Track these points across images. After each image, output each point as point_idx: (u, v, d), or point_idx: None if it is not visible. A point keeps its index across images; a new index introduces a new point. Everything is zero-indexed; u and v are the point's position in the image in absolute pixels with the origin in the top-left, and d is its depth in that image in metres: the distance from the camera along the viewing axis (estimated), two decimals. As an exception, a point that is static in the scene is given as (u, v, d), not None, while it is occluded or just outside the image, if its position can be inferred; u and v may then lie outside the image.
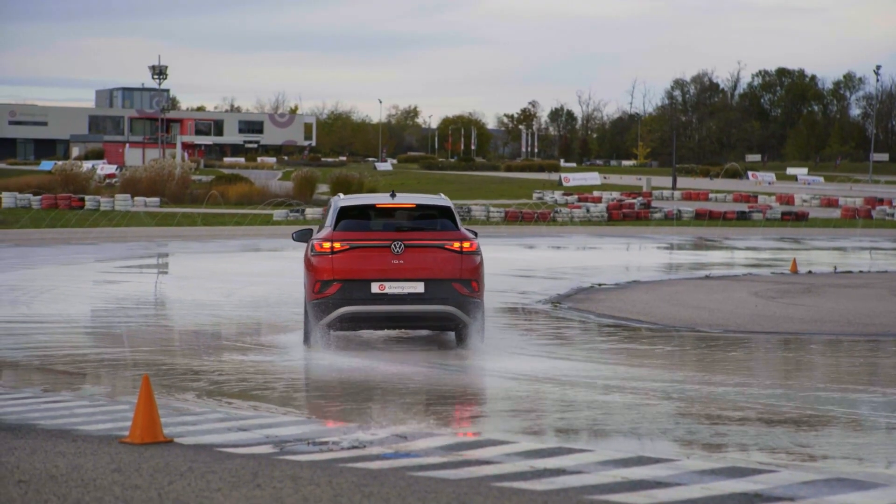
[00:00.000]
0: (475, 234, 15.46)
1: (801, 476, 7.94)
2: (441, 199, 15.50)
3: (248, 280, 24.93)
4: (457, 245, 14.69)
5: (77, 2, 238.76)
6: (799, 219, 54.90)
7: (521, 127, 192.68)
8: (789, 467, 8.46)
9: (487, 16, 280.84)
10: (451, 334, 15.99)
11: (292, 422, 10.16)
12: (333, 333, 15.25)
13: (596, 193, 71.28)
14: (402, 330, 16.26)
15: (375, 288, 14.50)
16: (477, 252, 14.88)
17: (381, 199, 15.35)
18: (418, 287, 14.51)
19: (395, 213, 15.11)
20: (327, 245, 14.56)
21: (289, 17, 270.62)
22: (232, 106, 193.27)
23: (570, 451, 8.81)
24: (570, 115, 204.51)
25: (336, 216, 14.89)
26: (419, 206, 15.24)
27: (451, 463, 8.32)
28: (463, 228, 15.04)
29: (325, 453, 8.65)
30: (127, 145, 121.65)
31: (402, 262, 14.51)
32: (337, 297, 14.47)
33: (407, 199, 15.20)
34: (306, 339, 15.12)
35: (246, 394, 11.98)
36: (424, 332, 16.85)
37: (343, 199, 15.37)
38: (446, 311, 14.59)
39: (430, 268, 14.56)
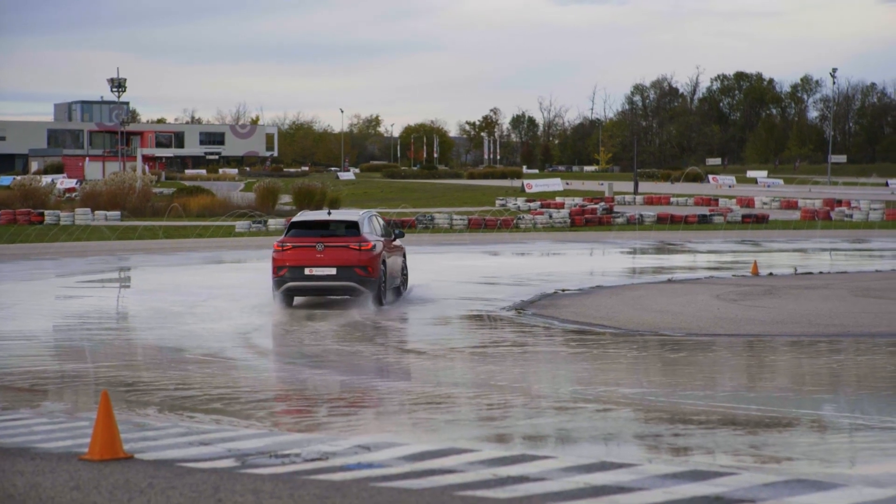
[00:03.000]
0: (402, 234, 24.21)
1: (763, 478, 7.96)
2: (353, 214, 22.86)
3: (210, 293, 24.80)
4: (356, 245, 21.70)
5: (34, 14, 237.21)
6: (759, 221, 55.23)
7: (483, 134, 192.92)
8: (750, 469, 8.49)
9: (448, 24, 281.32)
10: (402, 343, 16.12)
11: (255, 434, 10.09)
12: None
13: (558, 199, 71.47)
14: (324, 296, 22.65)
15: (307, 271, 21.66)
16: (372, 249, 21.74)
17: (317, 216, 22.93)
18: (332, 270, 21.65)
19: (322, 224, 22.34)
20: (279, 246, 21.95)
21: (249, 27, 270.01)
22: (193, 118, 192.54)
23: (534, 458, 8.80)
24: (531, 121, 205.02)
25: (288, 227, 22.59)
26: (336, 221, 22.37)
27: (414, 472, 8.29)
28: (364, 234, 21.91)
29: (288, 466, 8.59)
30: (87, 159, 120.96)
31: (322, 255, 21.66)
32: (286, 276, 21.75)
33: (331, 216, 22.80)
34: (274, 299, 22.15)
35: (208, 407, 11.91)
36: (389, 343, 16.85)
37: (295, 217, 23.16)
38: (349, 285, 21.69)
39: (339, 258, 21.63)
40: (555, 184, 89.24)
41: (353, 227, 22.03)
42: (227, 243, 43.31)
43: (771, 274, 28.49)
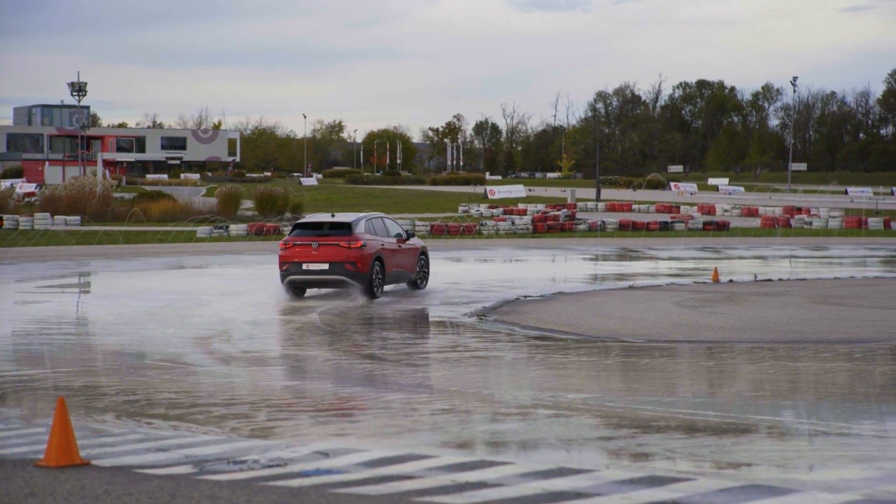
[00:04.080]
0: (412, 234, 27.22)
1: (719, 483, 8.01)
2: (350, 217, 25.55)
3: (171, 298, 24.69)
4: (345, 243, 24.53)
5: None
6: (720, 228, 55.55)
7: (446, 140, 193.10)
8: (707, 475, 8.53)
9: (412, 31, 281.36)
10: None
11: (213, 440, 10.05)
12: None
13: (521, 206, 71.62)
14: (322, 287, 25.53)
15: (304, 266, 24.61)
16: (362, 247, 24.53)
17: (317, 218, 26.18)
18: (325, 266, 24.56)
19: (320, 225, 25.30)
20: (283, 244, 25.08)
21: (211, 32, 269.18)
22: (154, 122, 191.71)
23: (492, 464, 8.81)
24: (494, 128, 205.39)
25: (292, 228, 25.74)
26: (333, 222, 25.27)
27: (372, 478, 8.28)
28: (357, 232, 24.75)
29: (246, 472, 8.57)
30: (47, 163, 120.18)
31: (317, 252, 24.58)
32: (288, 271, 24.81)
33: (327, 218, 25.71)
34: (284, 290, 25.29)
35: (167, 413, 11.85)
36: (349, 348, 16.85)
37: (300, 220, 26.97)
38: (340, 278, 24.55)
39: (331, 255, 24.52)
40: (517, 190, 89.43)
41: (346, 228, 24.79)
42: (189, 248, 43.11)
43: (731, 281, 28.65)
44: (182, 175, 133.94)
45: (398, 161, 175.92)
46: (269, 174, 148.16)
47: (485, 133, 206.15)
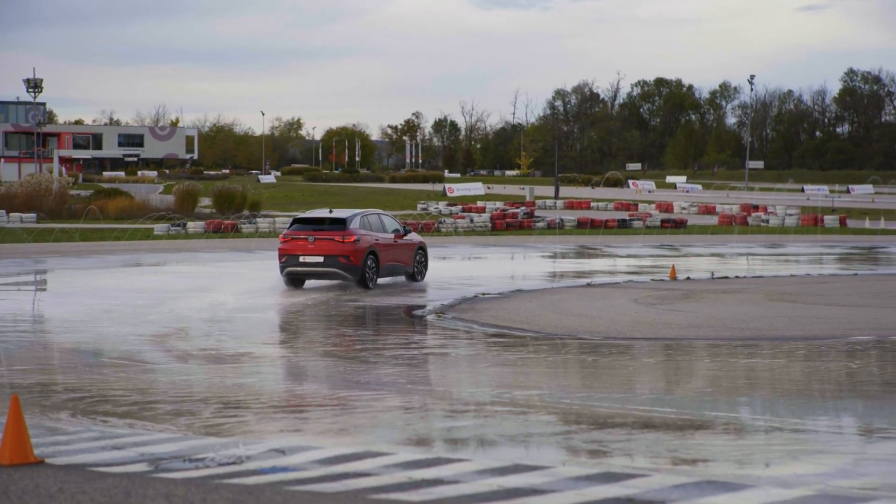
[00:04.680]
0: (409, 230, 28.36)
1: (673, 479, 8.06)
2: (345, 213, 26.95)
3: (128, 296, 24.53)
4: (339, 238, 25.90)
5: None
6: (678, 226, 55.83)
7: (405, 138, 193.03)
8: (663, 471, 8.58)
9: (371, 28, 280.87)
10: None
11: (169, 438, 10.00)
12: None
13: (480, 203, 71.69)
14: (319, 279, 26.68)
15: (301, 258, 26.00)
16: (355, 240, 25.90)
17: (315, 214, 27.33)
18: (320, 258, 25.95)
19: (317, 220, 26.61)
20: (283, 238, 26.41)
21: (168, 29, 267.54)
22: (111, 119, 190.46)
23: (449, 461, 8.81)
24: (453, 125, 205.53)
25: (291, 223, 27.07)
26: (328, 217, 26.60)
27: (329, 476, 8.27)
28: (351, 227, 26.09)
29: (201, 470, 8.53)
30: (2, 160, 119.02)
31: (312, 246, 25.97)
32: (286, 262, 26.21)
33: (324, 214, 26.98)
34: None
35: (122, 411, 11.77)
36: (308, 345, 16.81)
37: (298, 215, 28.49)
38: (333, 270, 26.00)
39: (325, 248, 25.93)
40: (476, 188, 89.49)
41: (340, 223, 26.21)
42: (146, 246, 42.85)
43: (688, 278, 28.81)
44: (139, 172, 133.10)
45: (357, 159, 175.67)
46: (227, 172, 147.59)
47: (444, 131, 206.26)
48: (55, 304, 23.71)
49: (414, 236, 28.46)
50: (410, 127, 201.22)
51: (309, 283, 27.17)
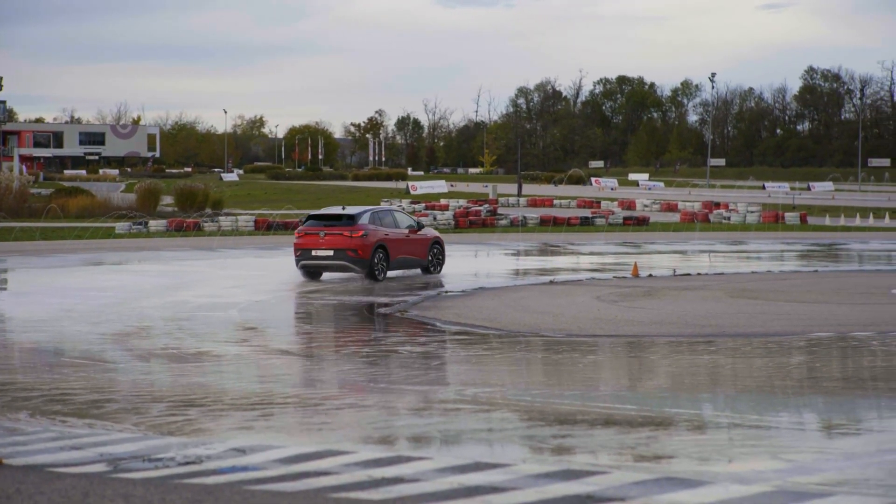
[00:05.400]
0: (422, 225, 29.85)
1: (633, 476, 8.08)
2: (351, 210, 28.57)
3: (89, 295, 24.37)
4: (348, 233, 27.44)
5: None
6: (640, 223, 56.03)
7: (368, 136, 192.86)
8: (623, 468, 8.60)
9: (334, 26, 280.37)
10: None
11: (128, 438, 9.94)
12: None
13: (443, 201, 71.72)
14: (331, 272, 28.30)
15: (313, 252, 27.58)
16: (363, 235, 27.40)
17: (327, 210, 29.17)
18: (330, 252, 27.48)
19: (329, 217, 28.21)
20: (298, 233, 28.06)
21: (130, 26, 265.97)
22: (72, 117, 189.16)
23: (410, 459, 8.80)
24: (416, 123, 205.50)
25: (305, 219, 28.78)
26: (340, 214, 28.20)
27: (289, 475, 8.25)
28: (360, 223, 27.61)
29: (161, 470, 8.48)
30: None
31: (323, 241, 27.49)
32: (300, 256, 27.82)
33: (337, 210, 28.66)
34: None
35: (82, 411, 11.69)
36: (267, 344, 16.76)
37: (312, 212, 29.79)
38: (343, 263, 27.54)
39: (336, 243, 27.44)
40: (439, 185, 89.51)
41: (350, 220, 27.77)
42: (107, 245, 42.57)
43: (650, 275, 28.92)
44: (101, 171, 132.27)
45: (320, 156, 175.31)
46: (189, 170, 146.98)
47: (407, 128, 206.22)
48: (15, 304, 23.52)
49: (429, 231, 30.05)
50: (374, 125, 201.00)
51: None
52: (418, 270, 29.72)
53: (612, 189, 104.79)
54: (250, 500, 7.46)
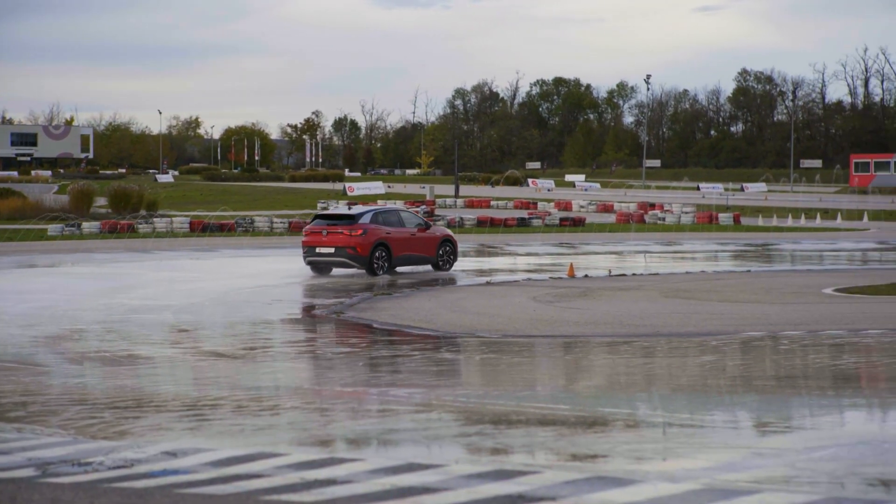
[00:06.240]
0: (429, 225, 31.28)
1: (565, 476, 8.11)
2: (355, 210, 30.74)
3: (20, 297, 24.07)
4: (348, 232, 29.09)
5: None
6: (576, 224, 56.32)
7: (305, 137, 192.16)
8: (555, 468, 8.63)
9: (270, 26, 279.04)
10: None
11: (58, 442, 9.82)
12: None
13: (380, 202, 71.63)
14: (336, 267, 29.95)
15: (317, 249, 29.39)
16: (362, 234, 29.06)
17: (333, 210, 32.85)
18: (331, 250, 29.22)
19: (333, 216, 30.15)
20: (305, 231, 30.23)
21: (63, 25, 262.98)
22: (3, 118, 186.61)
23: (342, 461, 8.78)
24: (354, 124, 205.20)
25: (312, 218, 31.29)
26: (341, 214, 30.38)
27: (220, 478, 8.19)
28: (360, 222, 29.23)
29: (90, 474, 8.39)
30: None
31: (326, 239, 29.25)
32: (306, 253, 29.67)
33: (341, 211, 31.56)
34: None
35: (11, 415, 11.52)
36: (201, 346, 16.66)
37: (317, 212, 33.03)
38: (343, 259, 29.28)
39: (336, 241, 29.16)
40: (377, 187, 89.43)
41: (351, 219, 29.56)
42: (39, 247, 42.09)
43: (586, 276, 29.08)
44: (33, 172, 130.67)
45: (256, 158, 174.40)
46: (123, 171, 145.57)
47: (344, 130, 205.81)
48: (-57, 307, 23.15)
49: (438, 230, 31.54)
50: (310, 126, 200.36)
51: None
52: (429, 267, 31.05)
53: (548, 190, 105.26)
54: (180, 504, 7.40)
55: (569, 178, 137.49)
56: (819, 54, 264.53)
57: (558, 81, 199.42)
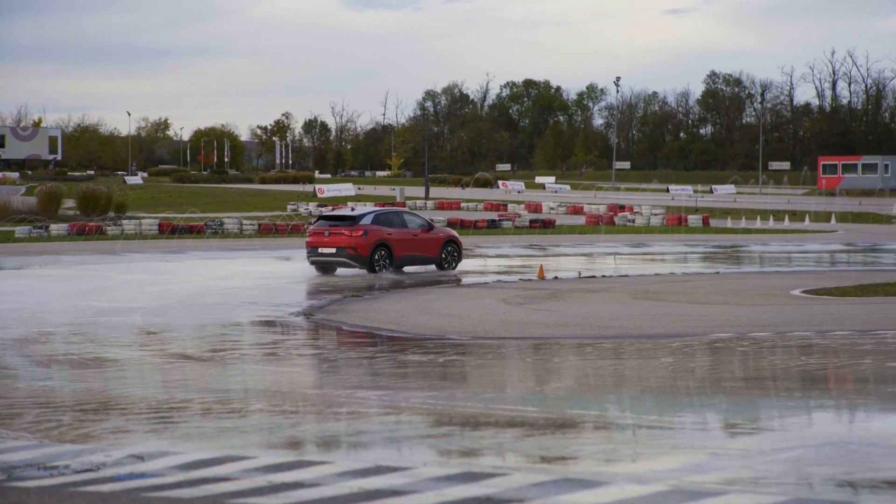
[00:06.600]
0: (432, 226, 31.97)
1: (533, 478, 8.12)
2: (357, 211, 31.68)
3: (-15, 300, 23.90)
4: (347, 232, 29.87)
5: None
6: (546, 226, 56.42)
7: (274, 139, 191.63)
8: (523, 470, 8.64)
9: (240, 28, 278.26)
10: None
11: (23, 446, 9.74)
12: None
13: (350, 204, 71.50)
14: (338, 266, 30.57)
15: (319, 250, 30.18)
16: (362, 234, 29.80)
17: (336, 212, 33.51)
18: (333, 250, 29.99)
19: (335, 218, 30.96)
20: (309, 231, 30.89)
21: (30, 26, 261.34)
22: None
23: (311, 463, 8.76)
24: (323, 126, 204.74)
25: (315, 219, 32.65)
26: (343, 215, 31.04)
27: (187, 481, 8.16)
28: (361, 223, 29.97)
29: (56, 478, 8.33)
30: None
31: (328, 239, 30.00)
32: (310, 253, 30.42)
33: (344, 212, 32.21)
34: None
35: (-24, 419, 11.44)
36: (170, 348, 16.59)
37: (322, 214, 32.26)
38: (343, 259, 30.04)
39: (337, 242, 29.91)
40: (347, 189, 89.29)
41: (352, 220, 30.35)
42: (6, 249, 41.83)
43: (556, 278, 29.12)
44: (0, 173, 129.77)
45: (226, 159, 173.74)
46: (92, 173, 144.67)
47: (314, 131, 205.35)
48: None
49: (442, 231, 32.38)
50: (280, 127, 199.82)
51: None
52: (433, 267, 31.75)
53: (518, 192, 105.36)
54: (147, 508, 7.36)
55: (539, 179, 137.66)
56: (787, 57, 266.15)
57: (528, 83, 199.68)
